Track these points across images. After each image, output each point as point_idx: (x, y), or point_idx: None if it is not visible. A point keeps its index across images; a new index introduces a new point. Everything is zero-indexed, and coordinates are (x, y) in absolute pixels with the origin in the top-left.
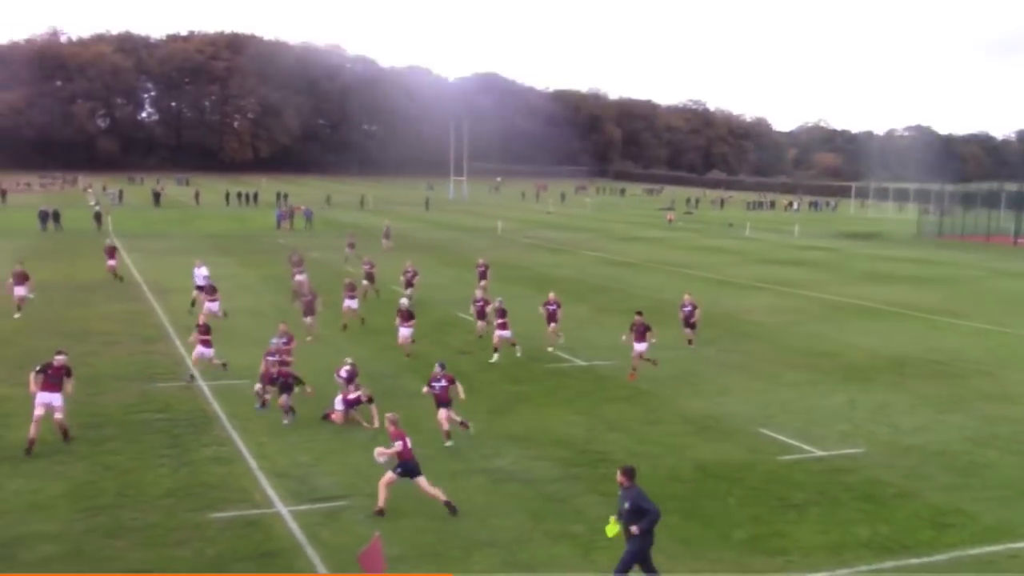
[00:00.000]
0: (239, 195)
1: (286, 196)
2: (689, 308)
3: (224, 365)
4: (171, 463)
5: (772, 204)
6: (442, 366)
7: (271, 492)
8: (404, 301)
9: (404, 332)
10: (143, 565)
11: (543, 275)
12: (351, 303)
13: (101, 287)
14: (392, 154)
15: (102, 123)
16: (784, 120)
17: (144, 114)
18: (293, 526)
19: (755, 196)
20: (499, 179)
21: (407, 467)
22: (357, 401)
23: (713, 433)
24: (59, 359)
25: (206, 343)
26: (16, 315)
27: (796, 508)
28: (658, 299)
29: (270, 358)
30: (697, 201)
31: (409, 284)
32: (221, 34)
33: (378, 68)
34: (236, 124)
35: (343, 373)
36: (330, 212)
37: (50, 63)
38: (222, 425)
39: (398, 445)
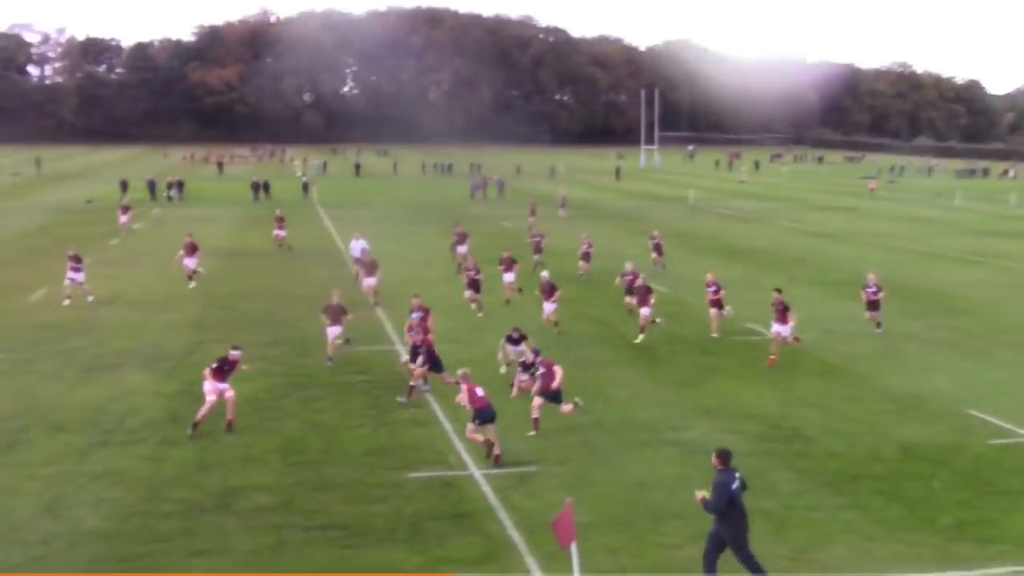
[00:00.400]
0: (435, 166)
1: (479, 166)
2: (873, 289)
3: (347, 341)
4: (372, 423)
5: (985, 172)
6: (535, 352)
7: (465, 455)
8: (545, 275)
9: (548, 308)
10: (345, 519)
11: (734, 246)
12: (509, 277)
13: (308, 254)
14: (583, 124)
15: (308, 98)
16: (999, 82)
17: (346, 88)
18: (486, 489)
19: (966, 163)
20: (691, 148)
21: (481, 414)
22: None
23: (918, 413)
24: (234, 354)
25: (336, 322)
26: (191, 285)
27: (1009, 495)
28: (858, 271)
29: (411, 333)
30: (902, 169)
31: (585, 257)
32: (418, 9)
33: (569, 38)
34: (432, 96)
35: (513, 334)
36: (521, 182)
37: (261, 42)
38: (419, 388)
39: (464, 395)
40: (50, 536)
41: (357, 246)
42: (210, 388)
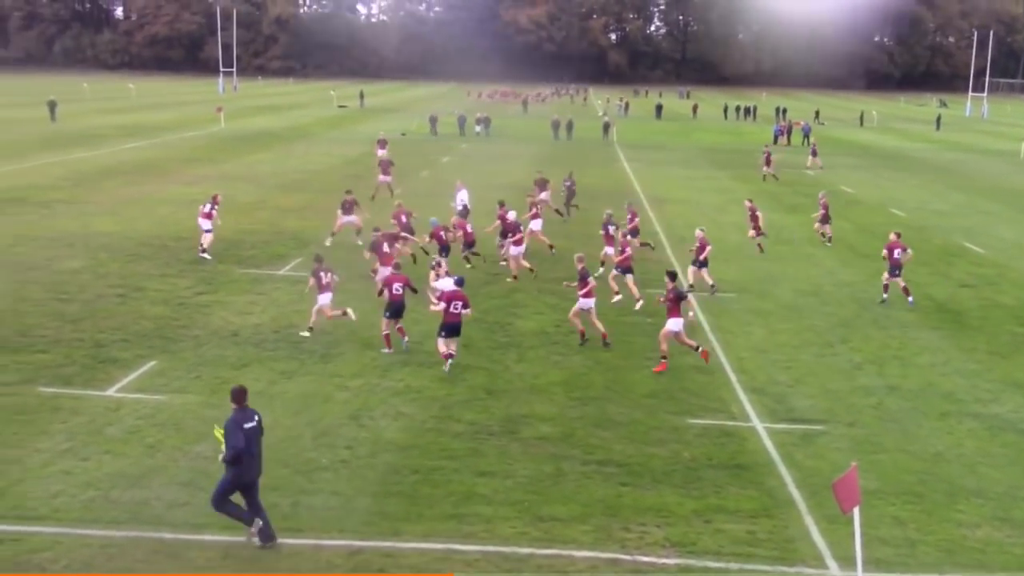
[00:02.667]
0: (737, 109)
1: (784, 111)
2: None
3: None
4: (655, 365)
5: None
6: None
7: (748, 407)
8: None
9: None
10: (624, 457)
11: None
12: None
13: (605, 193)
14: (903, 68)
15: (613, 37)
16: None
17: (652, 27)
18: (767, 443)
19: None
20: None
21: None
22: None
23: None
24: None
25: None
26: (327, 241)
27: None
28: None
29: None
30: None
31: (824, 219)
32: None
33: None
34: (740, 36)
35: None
36: (827, 128)
37: None
38: (706, 335)
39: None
40: (354, 442)
41: (460, 197)
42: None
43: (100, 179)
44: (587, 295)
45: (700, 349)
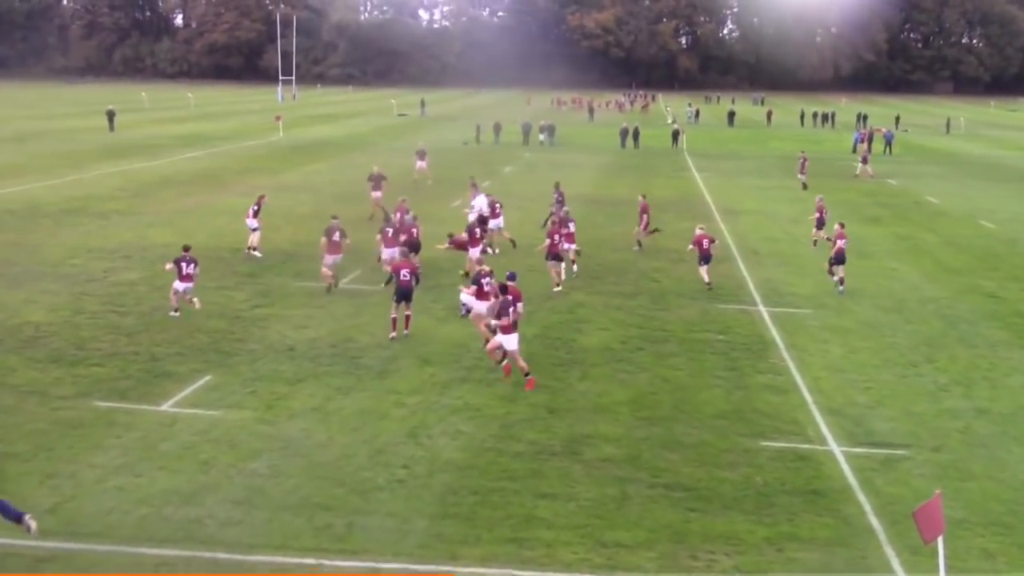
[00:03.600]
0: (814, 115)
1: (865, 117)
2: None
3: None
4: (726, 385)
5: None
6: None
7: (825, 429)
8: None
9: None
10: (692, 481)
11: None
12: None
13: (673, 205)
14: (993, 71)
15: (684, 41)
16: None
17: (724, 31)
18: (845, 468)
19: None
20: None
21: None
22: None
23: None
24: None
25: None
26: (368, 220)
27: None
28: None
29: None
30: None
31: (820, 223)
32: None
33: None
34: (818, 39)
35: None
36: (910, 135)
37: None
38: (779, 353)
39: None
40: (411, 461)
41: (479, 203)
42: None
43: (157, 189)
44: (482, 298)
45: (527, 376)
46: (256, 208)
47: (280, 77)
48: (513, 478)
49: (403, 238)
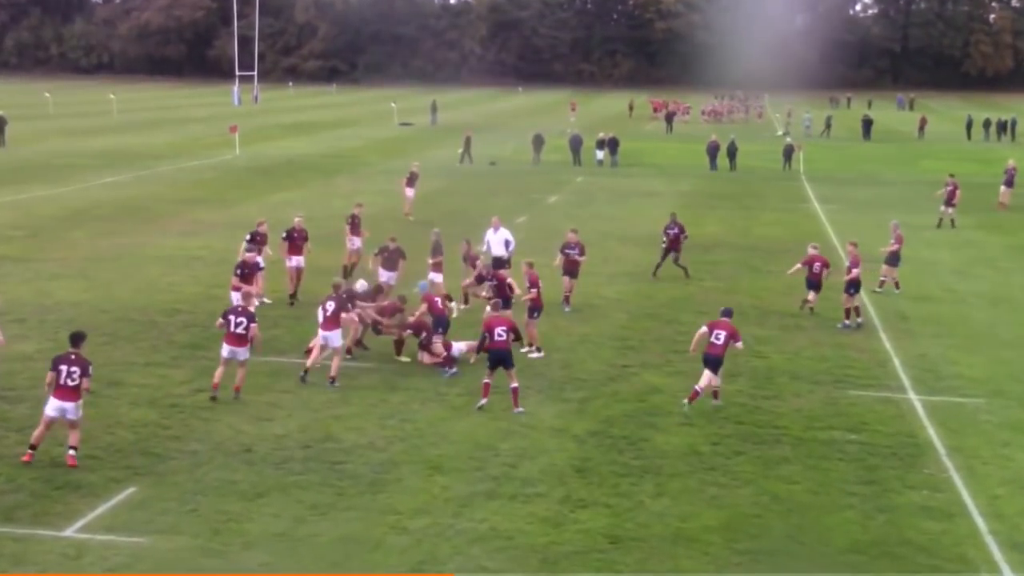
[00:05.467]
0: (986, 123)
1: None
2: None
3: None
4: (862, 506)
5: None
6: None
7: (1008, 572)
8: None
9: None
10: None
11: None
12: None
13: (785, 250)
14: None
15: (801, 20)
16: None
17: (857, 6)
18: None
19: None
20: None
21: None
22: None
23: None
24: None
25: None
26: (409, 217)
27: None
28: None
29: None
30: None
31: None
32: None
33: None
34: (992, 18)
35: None
36: None
37: None
38: (939, 460)
39: None
40: None
41: (496, 238)
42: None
43: (65, 228)
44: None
45: None
46: (353, 221)
47: (237, 72)
48: None
49: (479, 275)
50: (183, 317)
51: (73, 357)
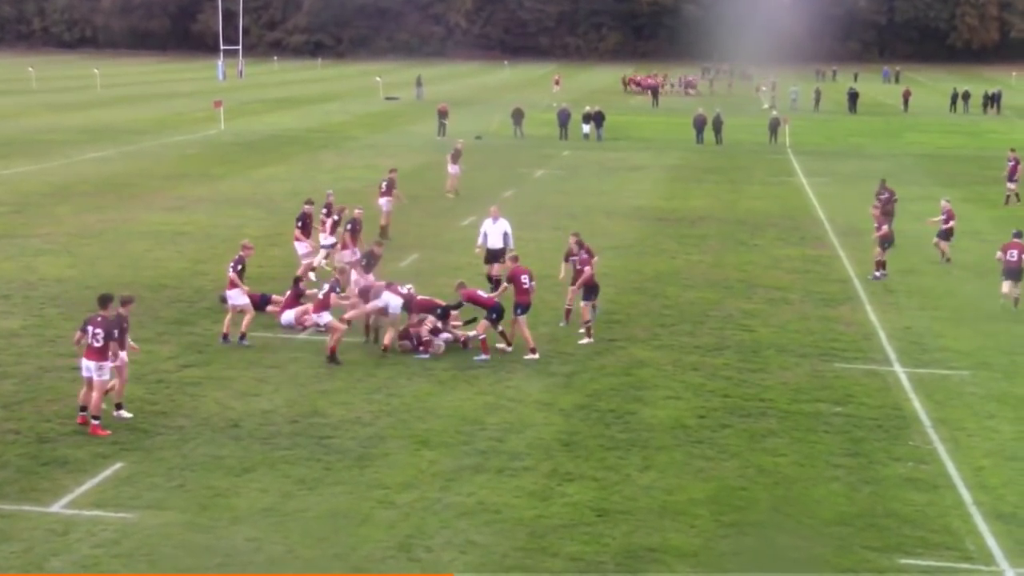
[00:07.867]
0: (966, 97)
1: None
2: None
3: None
4: (848, 478)
5: None
6: None
7: (992, 543)
8: None
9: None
10: None
11: None
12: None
13: (771, 224)
14: None
15: None
16: None
17: None
18: None
19: None
20: None
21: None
22: None
23: None
24: None
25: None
26: (449, 195)
27: None
28: None
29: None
30: None
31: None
32: None
33: None
34: None
35: None
36: None
37: None
38: (924, 432)
39: None
40: None
41: (495, 229)
42: None
43: (50, 203)
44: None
45: None
46: (387, 185)
47: (221, 47)
48: None
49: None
50: (169, 292)
51: (99, 319)
